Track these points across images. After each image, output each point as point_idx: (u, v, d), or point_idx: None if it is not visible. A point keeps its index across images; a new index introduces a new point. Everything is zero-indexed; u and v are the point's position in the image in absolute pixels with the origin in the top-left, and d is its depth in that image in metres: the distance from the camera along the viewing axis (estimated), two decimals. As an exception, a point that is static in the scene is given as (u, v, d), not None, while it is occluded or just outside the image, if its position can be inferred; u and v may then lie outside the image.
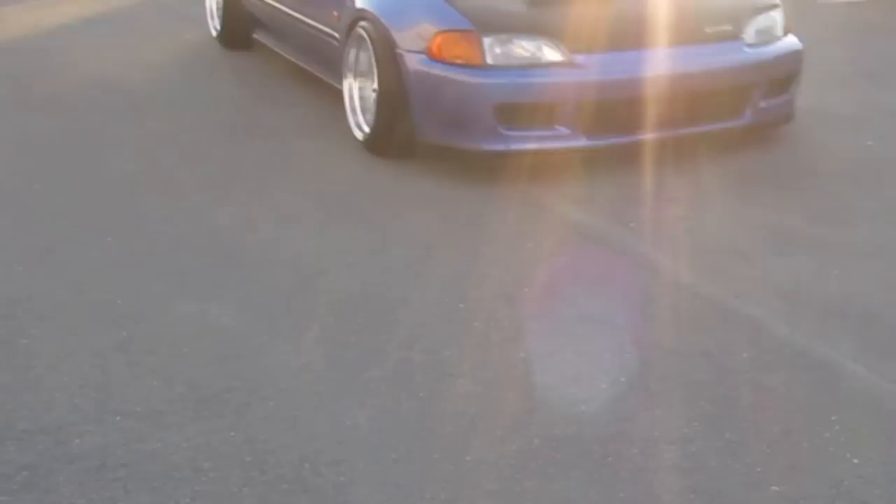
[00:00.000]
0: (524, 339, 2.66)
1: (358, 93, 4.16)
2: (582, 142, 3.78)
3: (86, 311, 2.83)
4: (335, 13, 4.32)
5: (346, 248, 3.27)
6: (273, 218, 3.51)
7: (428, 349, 2.61)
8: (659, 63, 3.84)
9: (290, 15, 4.90)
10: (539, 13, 3.92)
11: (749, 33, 4.09)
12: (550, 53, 3.75)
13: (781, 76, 4.15)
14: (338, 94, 4.30)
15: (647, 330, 2.74)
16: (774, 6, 4.24)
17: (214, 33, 5.84)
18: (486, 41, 3.69)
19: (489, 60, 3.70)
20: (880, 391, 2.45)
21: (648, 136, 3.89)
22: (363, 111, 4.13)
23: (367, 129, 4.07)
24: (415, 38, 3.83)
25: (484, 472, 2.14)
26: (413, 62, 3.80)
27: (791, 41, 4.25)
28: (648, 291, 2.97)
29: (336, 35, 4.32)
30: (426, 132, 3.87)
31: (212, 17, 5.88)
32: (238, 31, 5.66)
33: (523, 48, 3.75)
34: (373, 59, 3.94)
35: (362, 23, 4.02)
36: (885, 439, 2.26)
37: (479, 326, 2.74)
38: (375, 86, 3.93)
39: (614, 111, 3.80)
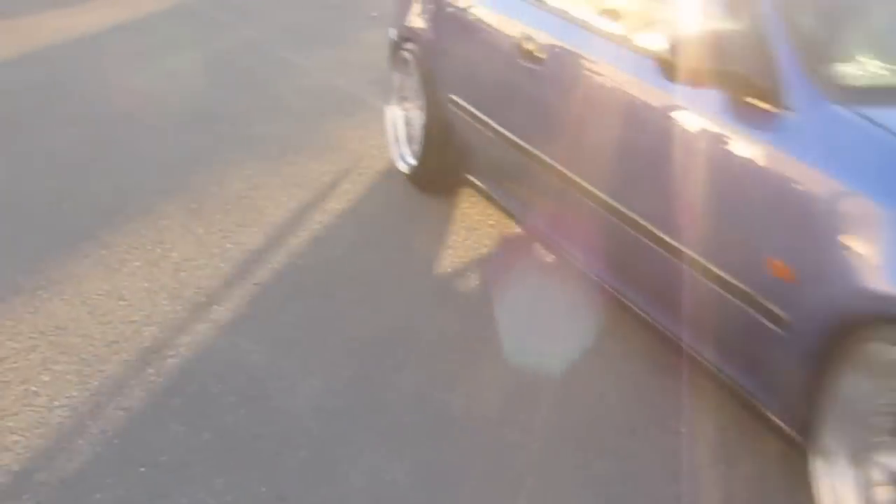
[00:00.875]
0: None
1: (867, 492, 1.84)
2: None
3: (110, 343, 2.69)
4: (775, 261, 1.98)
5: None
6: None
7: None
8: None
9: (587, 192, 2.63)
10: None
11: None
12: None
13: None
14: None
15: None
16: None
17: (405, 168, 3.84)
18: None
19: None
20: None
21: None
22: None
23: None
24: None
25: (535, 538, 1.97)
26: None
27: None
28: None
29: (777, 313, 1.99)
30: None
31: (397, 141, 3.93)
32: (447, 170, 3.68)
33: None
34: None
35: None
36: None
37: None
38: None
39: None
